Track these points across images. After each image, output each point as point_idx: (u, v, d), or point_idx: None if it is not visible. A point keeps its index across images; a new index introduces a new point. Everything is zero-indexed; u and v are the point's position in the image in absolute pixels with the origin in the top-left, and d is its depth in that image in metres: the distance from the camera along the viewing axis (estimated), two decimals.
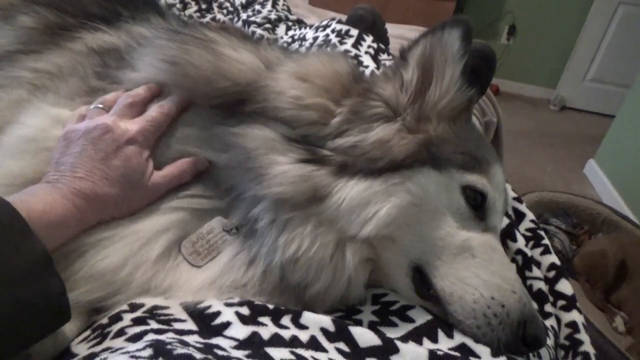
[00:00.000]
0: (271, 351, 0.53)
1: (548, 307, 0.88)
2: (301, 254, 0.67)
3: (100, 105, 0.73)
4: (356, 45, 1.47)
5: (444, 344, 0.63)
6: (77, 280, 0.63)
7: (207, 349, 0.49)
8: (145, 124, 0.71)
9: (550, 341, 0.77)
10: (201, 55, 0.75)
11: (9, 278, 0.48)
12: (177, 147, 0.74)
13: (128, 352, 0.44)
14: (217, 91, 0.73)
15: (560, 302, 0.92)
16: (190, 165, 0.72)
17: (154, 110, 0.73)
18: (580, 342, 0.84)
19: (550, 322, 0.84)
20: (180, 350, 0.44)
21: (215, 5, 2.09)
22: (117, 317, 0.60)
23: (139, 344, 0.47)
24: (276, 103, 0.72)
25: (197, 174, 0.74)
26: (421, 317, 0.67)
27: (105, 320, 0.61)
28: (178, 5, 1.96)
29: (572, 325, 0.87)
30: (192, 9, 1.99)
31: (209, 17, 1.97)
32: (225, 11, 2.07)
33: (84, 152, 0.66)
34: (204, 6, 2.04)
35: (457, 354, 0.61)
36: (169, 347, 0.45)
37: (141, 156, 0.69)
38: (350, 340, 0.58)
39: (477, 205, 0.73)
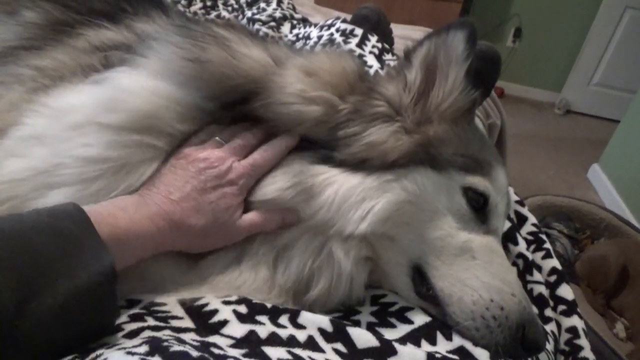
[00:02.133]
0: (268, 350, 0.53)
1: (548, 312, 0.87)
2: (287, 252, 0.68)
3: (220, 140, 0.72)
4: (360, 44, 1.47)
5: (443, 347, 0.63)
6: None
7: (204, 347, 0.48)
8: (249, 169, 0.70)
9: (550, 346, 0.77)
10: (218, 52, 0.75)
11: (68, 291, 0.48)
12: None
13: (124, 349, 0.44)
14: (230, 88, 0.73)
15: (561, 307, 0.92)
16: (279, 216, 0.70)
17: (259, 154, 0.71)
18: (580, 348, 0.84)
19: (550, 327, 0.84)
20: (177, 347, 0.44)
21: (220, 2, 2.09)
22: None
23: (136, 341, 0.47)
24: (281, 97, 0.72)
25: None
26: (420, 319, 0.67)
27: None
28: (183, 2, 1.96)
29: (572, 330, 0.87)
30: (197, 5, 1.99)
31: (213, 14, 1.97)
32: (230, 8, 2.07)
33: (186, 177, 0.66)
34: (209, 3, 2.04)
35: (455, 356, 0.61)
36: (165, 344, 0.44)
37: (235, 198, 0.68)
38: (347, 341, 0.58)
39: (478, 207, 0.73)
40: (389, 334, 0.63)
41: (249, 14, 1.93)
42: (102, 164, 0.64)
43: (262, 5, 2.00)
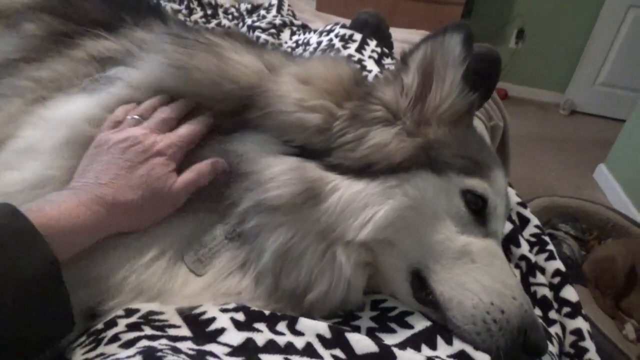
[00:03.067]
0: (265, 358, 0.53)
1: (552, 314, 0.86)
2: (292, 258, 0.67)
3: (137, 117, 0.73)
4: (360, 49, 1.47)
5: (443, 351, 0.62)
6: (73, 285, 0.62)
7: (200, 355, 0.48)
8: (175, 139, 0.71)
9: (554, 349, 0.76)
10: (206, 58, 0.76)
11: (14, 283, 0.48)
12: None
13: (118, 359, 0.44)
14: (222, 94, 0.74)
15: (565, 309, 0.90)
16: (208, 166, 0.71)
17: (185, 128, 0.73)
18: (585, 350, 0.83)
19: (554, 330, 0.83)
20: (171, 357, 0.44)
21: (220, 10, 2.11)
22: (112, 323, 0.60)
23: (130, 351, 0.47)
24: (280, 107, 0.72)
25: None
26: (420, 324, 0.66)
27: (100, 326, 0.61)
28: (184, 11, 1.97)
29: (577, 332, 0.86)
30: (198, 14, 2.00)
31: (214, 22, 1.98)
32: (230, 17, 2.08)
33: (111, 160, 0.66)
34: (209, 12, 2.05)
35: None
36: (159, 354, 0.44)
37: (166, 167, 0.68)
38: (346, 347, 0.57)
39: (477, 210, 0.73)
40: (389, 339, 0.63)
41: (249, 21, 1.94)
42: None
43: (262, 12, 2.01)
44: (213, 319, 0.59)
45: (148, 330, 0.56)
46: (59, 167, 0.68)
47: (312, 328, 0.60)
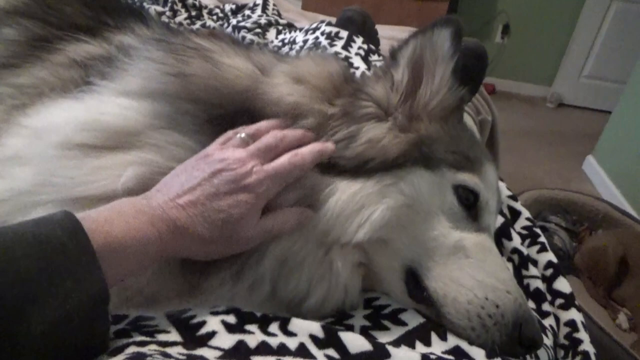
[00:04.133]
0: None
1: (546, 306, 0.86)
2: (292, 264, 0.66)
3: (244, 136, 0.66)
4: (346, 47, 1.46)
5: (438, 347, 0.61)
6: None
7: None
8: (272, 173, 0.63)
9: (549, 341, 0.76)
10: (201, 65, 0.74)
11: (62, 309, 0.44)
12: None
13: None
14: (220, 100, 0.71)
15: (559, 301, 0.91)
16: (295, 216, 0.65)
17: (287, 158, 0.65)
18: (580, 341, 0.83)
19: (548, 322, 0.83)
20: None
21: (205, 12, 2.09)
22: None
23: (118, 358, 0.46)
24: (276, 111, 0.71)
25: None
26: (414, 321, 0.66)
27: None
28: (168, 13, 1.95)
29: (571, 324, 0.86)
30: (182, 16, 1.98)
31: (199, 24, 1.96)
32: (215, 17, 2.06)
33: (199, 179, 0.60)
34: (193, 13, 2.03)
35: (451, 357, 0.60)
36: (148, 359, 0.43)
37: (251, 207, 0.61)
38: (340, 347, 0.57)
39: (469, 204, 0.73)
40: (383, 337, 0.62)
41: (234, 21, 1.93)
42: (79, 181, 0.63)
43: (247, 12, 2.00)
44: (203, 323, 0.57)
45: (137, 337, 0.54)
46: (54, 174, 0.64)
47: (305, 328, 0.59)
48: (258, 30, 1.84)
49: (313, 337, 0.57)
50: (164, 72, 0.73)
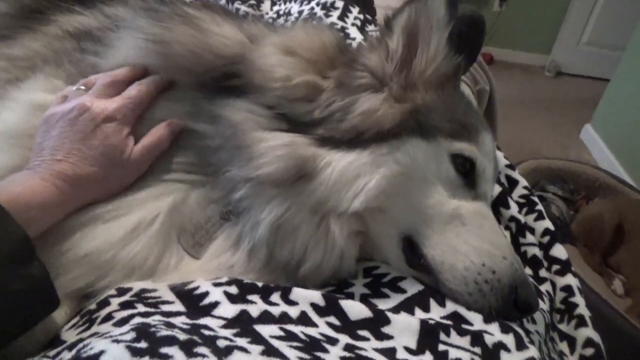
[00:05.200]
0: (260, 328, 0.53)
1: (543, 272, 0.88)
2: (287, 230, 0.66)
3: (82, 87, 0.72)
4: (342, 17, 1.44)
5: (436, 313, 0.63)
6: (65, 265, 0.62)
7: (194, 329, 0.48)
8: (124, 101, 0.69)
9: (545, 306, 0.78)
10: (185, 31, 0.74)
11: None
12: (160, 120, 0.72)
13: (111, 337, 0.43)
14: (202, 66, 0.72)
15: (555, 267, 0.92)
16: (165, 129, 0.71)
17: (133, 89, 0.71)
18: (575, 305, 0.85)
19: (545, 287, 0.84)
20: (164, 332, 0.43)
21: None
22: (105, 302, 0.59)
23: (124, 328, 0.47)
24: (263, 83, 0.71)
25: (182, 146, 0.72)
26: (413, 288, 0.67)
27: (93, 306, 0.60)
28: None
29: (567, 289, 0.88)
30: None
31: None
32: None
33: (62, 134, 0.65)
34: None
35: (449, 322, 0.61)
36: (152, 329, 0.44)
37: (120, 133, 0.67)
38: (340, 314, 0.58)
39: (466, 173, 0.73)
40: (383, 304, 0.63)
41: None
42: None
43: None
44: (206, 294, 0.59)
45: (141, 308, 0.55)
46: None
47: (306, 297, 0.60)
48: (252, 1, 1.80)
49: (314, 305, 0.59)
50: (144, 39, 0.74)
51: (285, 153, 0.66)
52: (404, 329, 0.57)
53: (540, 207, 1.03)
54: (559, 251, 0.94)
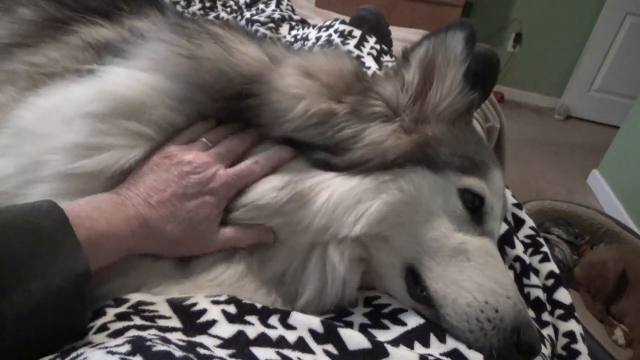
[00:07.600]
0: (256, 351, 0.52)
1: (546, 316, 0.86)
2: (279, 256, 0.68)
3: (208, 142, 0.71)
4: (359, 46, 1.46)
5: (436, 349, 0.61)
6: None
7: (190, 347, 0.47)
8: (233, 178, 0.67)
9: (547, 351, 0.76)
10: (214, 49, 0.74)
11: (44, 288, 0.47)
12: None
13: (106, 348, 0.43)
14: (222, 84, 0.71)
15: (559, 312, 0.90)
16: (254, 237, 0.69)
17: (247, 165, 0.69)
18: (578, 353, 0.83)
19: (547, 332, 0.83)
20: (160, 347, 0.43)
21: (219, 3, 2.09)
22: (101, 312, 0.58)
23: (119, 340, 0.46)
24: (282, 105, 0.70)
25: None
26: (414, 321, 0.66)
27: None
28: (182, 3, 1.95)
29: (570, 335, 0.86)
30: (196, 6, 1.99)
31: (212, 15, 1.97)
32: (229, 10, 2.07)
33: (168, 180, 0.64)
34: (208, 4, 2.04)
35: (448, 359, 0.59)
36: (148, 344, 0.43)
37: (215, 209, 0.66)
38: (339, 343, 0.57)
39: (474, 209, 0.72)
40: (382, 336, 0.62)
41: (247, 15, 1.93)
42: (85, 151, 0.64)
43: (261, 6, 2.00)
44: (204, 311, 0.58)
45: (138, 321, 0.54)
46: (55, 148, 0.66)
47: (305, 323, 0.59)
48: (271, 25, 1.84)
49: (312, 332, 0.58)
50: (176, 53, 0.73)
51: (283, 183, 0.68)
52: None
53: (546, 249, 1.02)
54: (564, 296, 0.92)
